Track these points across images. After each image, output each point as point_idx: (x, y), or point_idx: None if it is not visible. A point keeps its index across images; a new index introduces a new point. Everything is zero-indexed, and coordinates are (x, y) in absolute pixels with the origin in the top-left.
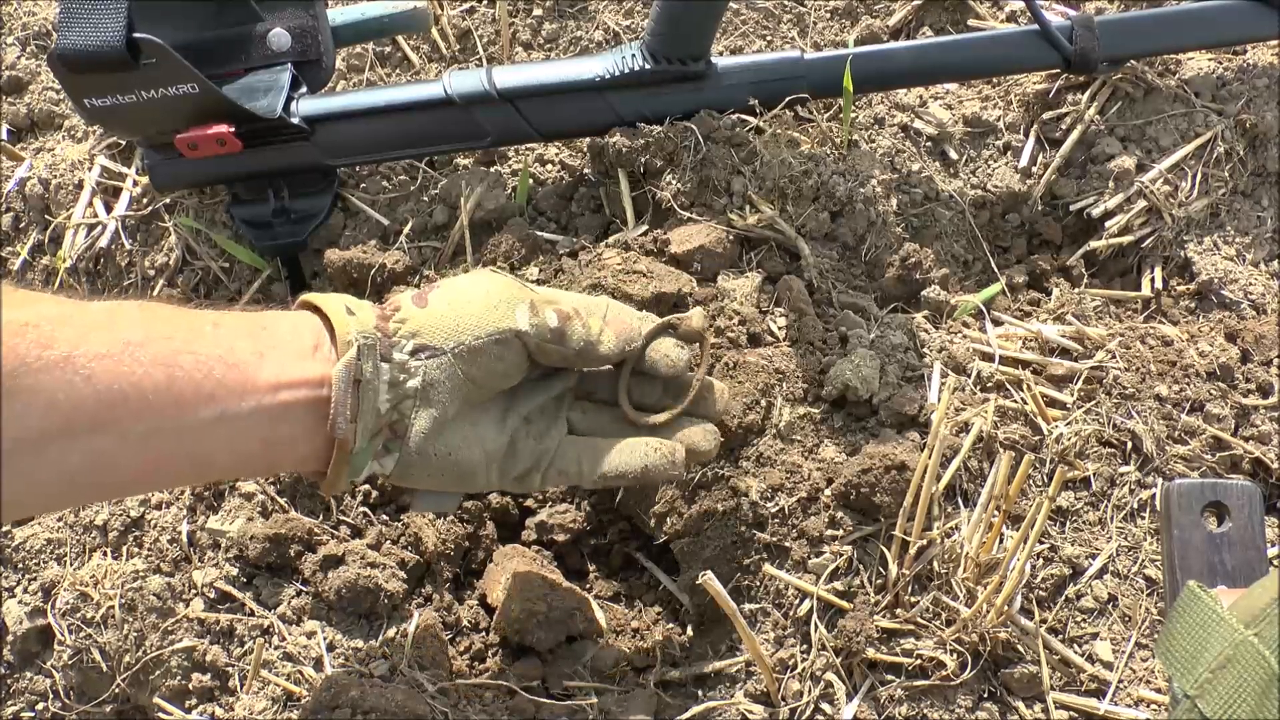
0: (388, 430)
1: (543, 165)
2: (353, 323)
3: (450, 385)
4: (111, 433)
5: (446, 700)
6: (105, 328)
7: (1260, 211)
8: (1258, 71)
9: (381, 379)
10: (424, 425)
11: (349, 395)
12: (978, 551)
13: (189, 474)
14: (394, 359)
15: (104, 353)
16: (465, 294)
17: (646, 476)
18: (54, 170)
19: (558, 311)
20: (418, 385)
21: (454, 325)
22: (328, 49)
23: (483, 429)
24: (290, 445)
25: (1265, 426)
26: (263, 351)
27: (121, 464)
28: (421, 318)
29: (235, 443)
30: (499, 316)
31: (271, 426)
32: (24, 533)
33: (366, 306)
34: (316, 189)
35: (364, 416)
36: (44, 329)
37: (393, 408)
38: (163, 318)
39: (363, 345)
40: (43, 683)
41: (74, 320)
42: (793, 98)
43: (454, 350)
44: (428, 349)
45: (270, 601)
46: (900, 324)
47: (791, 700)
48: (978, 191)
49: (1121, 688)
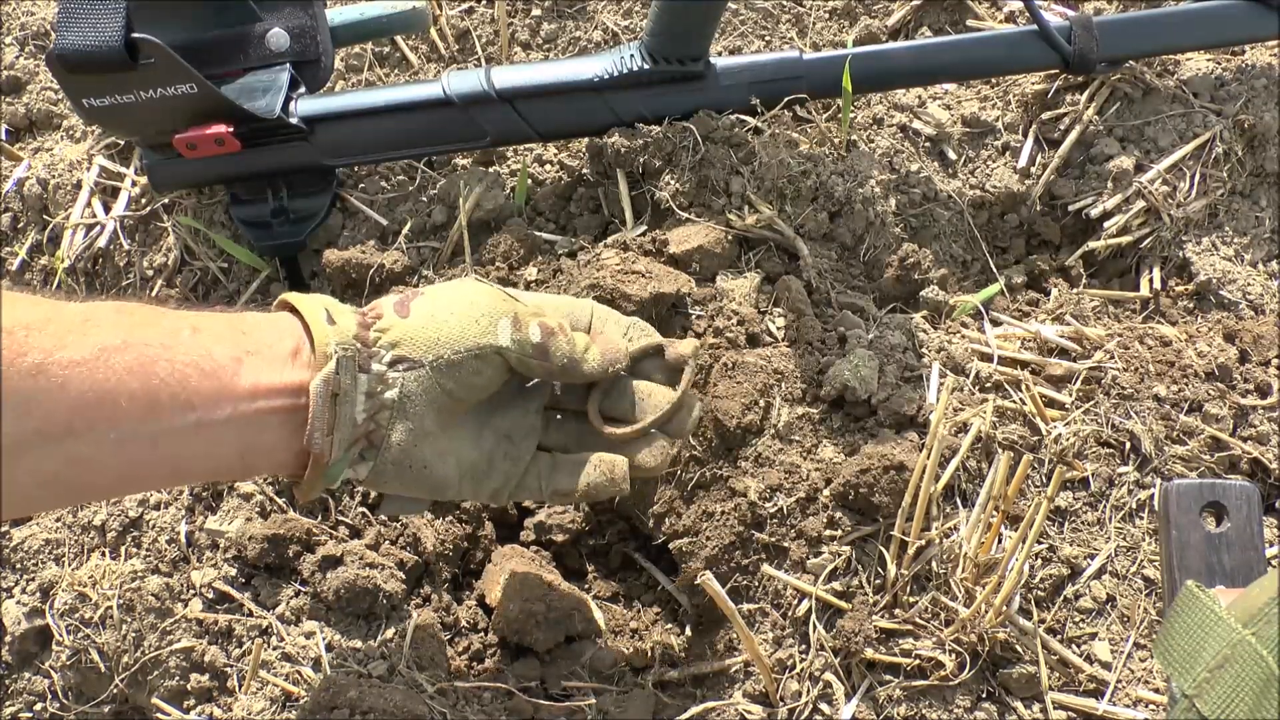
0: (364, 440)
1: (541, 165)
2: (332, 333)
3: (427, 398)
4: (86, 439)
5: (445, 701)
6: (80, 333)
7: (1259, 212)
8: (1256, 72)
9: (359, 390)
10: (400, 437)
11: (326, 409)
12: (976, 551)
13: (166, 478)
14: (372, 370)
15: (78, 359)
16: (447, 305)
17: (589, 494)
18: (52, 170)
19: (542, 326)
20: (395, 397)
21: (434, 337)
22: (326, 49)
23: (458, 443)
24: (267, 452)
25: (1264, 427)
26: (240, 357)
27: (98, 469)
28: (402, 328)
29: (212, 449)
30: (480, 331)
31: (248, 434)
32: (22, 533)
33: (347, 312)
34: (315, 189)
35: (341, 428)
36: (17, 336)
37: (369, 418)
38: (140, 322)
39: (341, 357)
40: (41, 683)
41: (49, 326)
42: (791, 98)
43: (432, 363)
44: (406, 361)
45: (269, 602)
46: (899, 324)
47: (790, 700)
48: (976, 192)
49: (1120, 688)
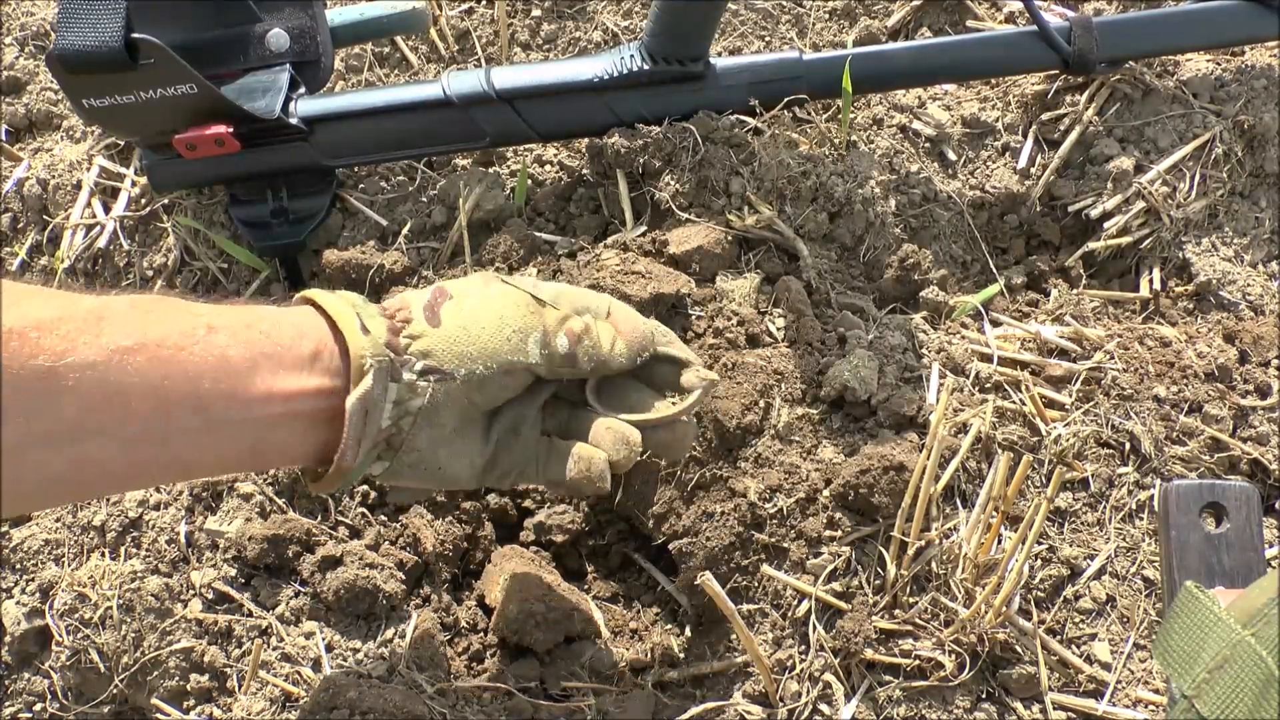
0: (384, 443)
1: (541, 166)
2: (368, 344)
3: (455, 409)
4: (95, 439)
5: (444, 701)
6: (93, 333)
7: (1258, 212)
8: (1256, 73)
9: (388, 400)
10: (422, 443)
11: (359, 424)
12: (976, 552)
13: (175, 475)
14: (403, 379)
15: (90, 360)
16: (480, 317)
17: (572, 488)
18: (52, 171)
19: (568, 335)
20: (423, 404)
21: (465, 351)
22: (326, 49)
23: (470, 442)
24: (281, 450)
25: (1263, 427)
26: (256, 360)
27: (105, 467)
28: (434, 337)
29: (222, 447)
30: (511, 349)
31: (262, 434)
32: (22, 533)
33: (377, 318)
34: (315, 189)
35: (367, 438)
36: (28, 336)
37: (393, 423)
38: (155, 319)
39: (377, 369)
40: (41, 683)
41: (61, 326)
42: (791, 98)
43: (464, 377)
44: (437, 372)
45: (268, 602)
46: (899, 325)
47: (790, 701)
48: (976, 192)
49: (1120, 688)
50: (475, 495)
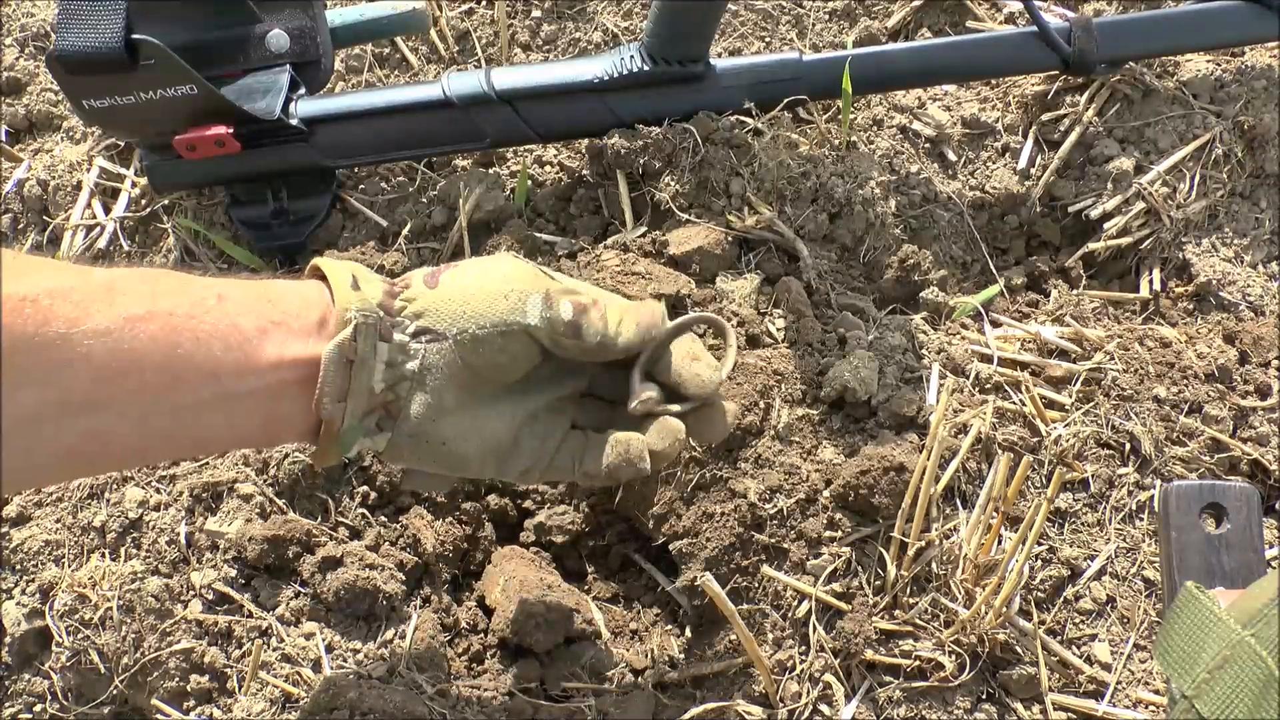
0: (382, 409)
1: (541, 167)
2: (355, 299)
3: (449, 372)
4: (108, 410)
5: (445, 702)
6: (106, 301)
7: (1258, 213)
8: (1256, 73)
9: (379, 359)
10: (418, 410)
11: (338, 375)
12: (976, 553)
13: (188, 448)
14: (394, 339)
15: (103, 329)
16: (478, 278)
17: (611, 475)
18: (52, 171)
19: (574, 303)
20: (415, 368)
21: (460, 310)
22: (326, 50)
23: (483, 422)
24: (289, 421)
25: (1263, 428)
26: (266, 328)
27: (118, 439)
28: (429, 298)
29: (234, 419)
30: (508, 308)
31: (271, 404)
32: (22, 534)
33: (375, 280)
34: (315, 190)
35: (355, 396)
36: (42, 304)
37: (389, 388)
38: (166, 290)
39: (361, 324)
40: (41, 684)
41: (73, 294)
42: (791, 99)
43: (456, 337)
44: (430, 332)
45: (269, 603)
46: (899, 325)
47: (790, 702)
48: (976, 193)
49: (1120, 689)
50: (475, 496)
